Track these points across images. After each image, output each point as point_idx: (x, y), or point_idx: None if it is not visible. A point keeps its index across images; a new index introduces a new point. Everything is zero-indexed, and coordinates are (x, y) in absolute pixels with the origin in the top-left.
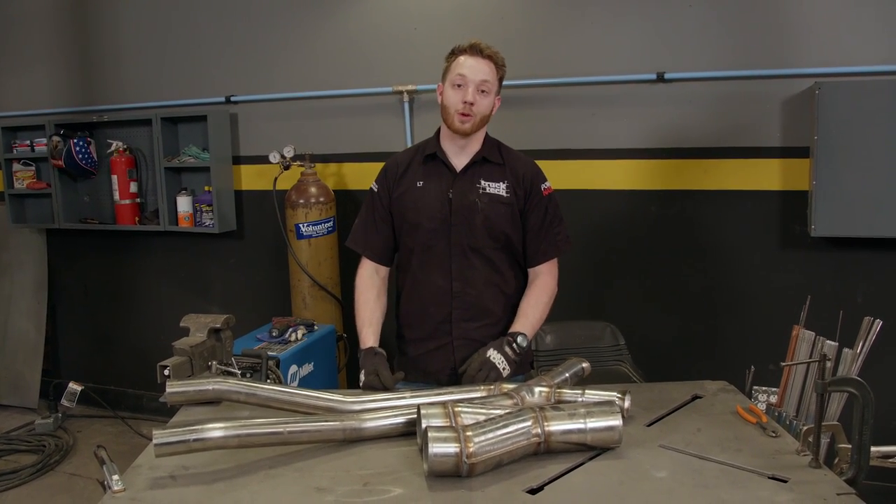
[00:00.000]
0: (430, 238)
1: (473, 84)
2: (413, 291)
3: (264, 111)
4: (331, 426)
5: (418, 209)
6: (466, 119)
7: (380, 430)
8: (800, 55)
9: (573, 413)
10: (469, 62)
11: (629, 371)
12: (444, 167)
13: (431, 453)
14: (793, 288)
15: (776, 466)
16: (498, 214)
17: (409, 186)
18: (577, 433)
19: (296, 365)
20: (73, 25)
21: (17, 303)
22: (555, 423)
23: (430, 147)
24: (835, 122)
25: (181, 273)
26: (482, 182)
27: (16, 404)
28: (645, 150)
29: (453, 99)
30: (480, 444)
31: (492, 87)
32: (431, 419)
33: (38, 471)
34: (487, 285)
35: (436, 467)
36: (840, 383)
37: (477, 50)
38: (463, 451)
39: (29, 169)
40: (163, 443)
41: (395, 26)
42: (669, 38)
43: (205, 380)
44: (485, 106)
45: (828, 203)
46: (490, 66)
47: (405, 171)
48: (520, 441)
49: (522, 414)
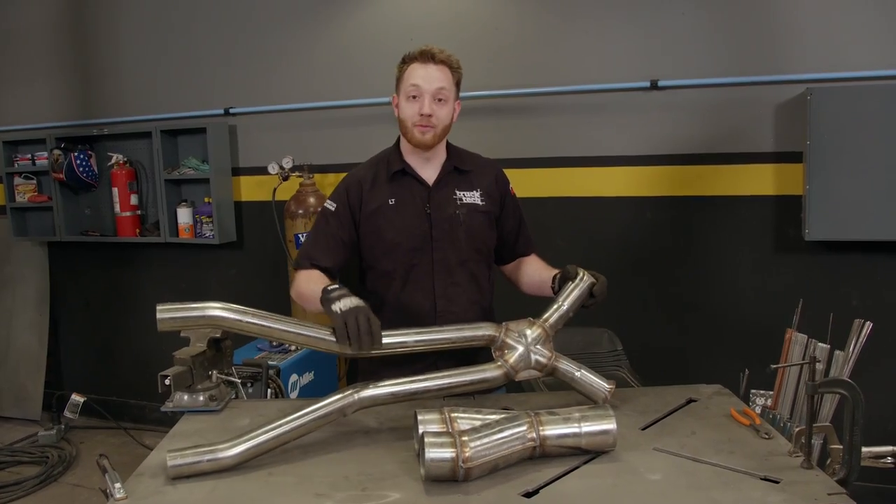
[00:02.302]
0: (410, 257)
1: (429, 94)
2: (393, 315)
3: (263, 122)
4: (328, 409)
5: (396, 228)
6: (427, 129)
7: (375, 399)
8: (792, 61)
9: (568, 418)
10: (421, 71)
11: (627, 376)
12: (414, 182)
13: (428, 458)
14: (787, 291)
15: (769, 468)
16: (478, 224)
17: (379, 205)
18: (572, 437)
19: (296, 374)
20: (74, 40)
21: (19, 315)
22: (550, 428)
23: (394, 162)
24: (827, 127)
25: (182, 284)
26: (458, 192)
27: (19, 416)
28: (639, 157)
29: (409, 111)
30: (476, 449)
31: (449, 94)
32: (428, 425)
33: (42, 482)
34: (471, 303)
35: (432, 472)
36: (830, 385)
37: (429, 56)
38: (459, 456)
39: (30, 182)
40: (177, 465)
41: (391, 37)
42: (662, 46)
43: (197, 304)
44: (444, 115)
45: (821, 207)
46: (445, 72)
47: (371, 188)
48: (515, 445)
49: (518, 419)
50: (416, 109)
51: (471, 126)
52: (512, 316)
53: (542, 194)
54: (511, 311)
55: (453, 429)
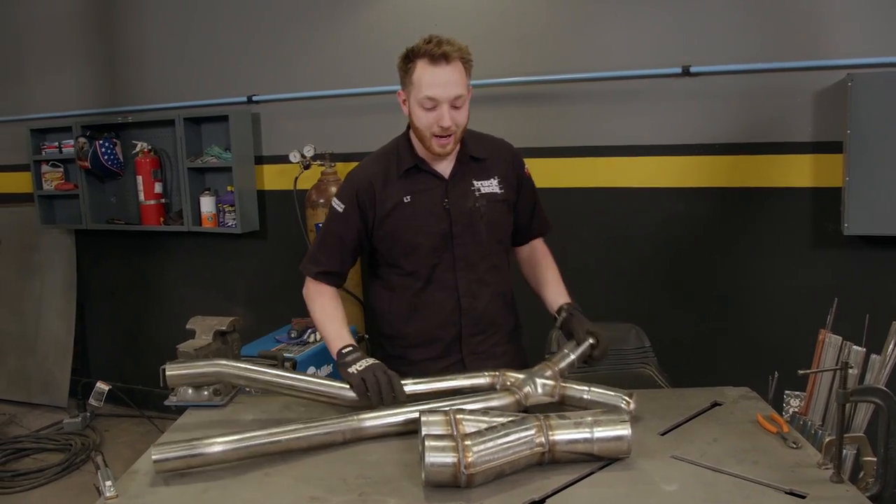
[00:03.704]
0: (431, 257)
1: (447, 103)
2: (416, 313)
3: (286, 110)
4: (330, 430)
5: (414, 228)
6: (447, 141)
7: (381, 429)
8: (831, 46)
9: (579, 422)
10: (435, 77)
11: (654, 374)
12: (429, 175)
13: (428, 463)
14: (824, 289)
15: (795, 480)
16: (499, 214)
17: (395, 204)
18: (584, 443)
19: (314, 367)
20: (99, 28)
21: (47, 303)
22: (560, 433)
23: (405, 159)
24: (869, 116)
25: (205, 273)
26: (475, 183)
27: (46, 403)
28: (670, 146)
29: (425, 121)
30: (480, 454)
31: (466, 94)
32: (432, 427)
33: (64, 470)
34: (494, 296)
35: (432, 477)
36: (863, 393)
37: (442, 58)
38: (461, 461)
39: (57, 170)
40: (163, 458)
41: (416, 22)
42: (695, 31)
43: (206, 362)
44: (463, 118)
45: (862, 200)
46: (459, 71)
47: (383, 186)
48: (522, 451)
49: (526, 422)
50: (433, 119)
51: (494, 114)
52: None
53: (568, 185)
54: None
55: (458, 431)
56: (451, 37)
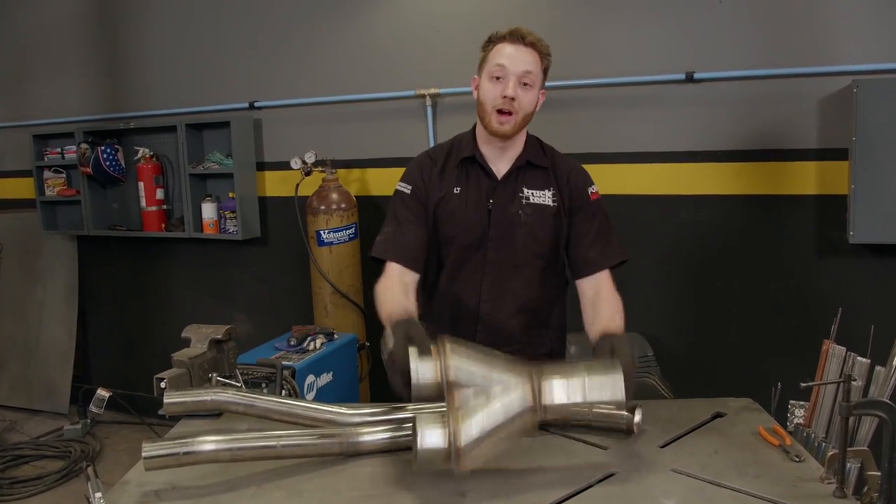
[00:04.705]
0: (463, 254)
1: (515, 76)
2: (436, 306)
3: (288, 116)
4: (327, 441)
5: (455, 221)
6: (507, 119)
7: (378, 445)
8: (836, 52)
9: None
10: (509, 50)
11: (657, 384)
12: (482, 172)
13: (420, 447)
14: (829, 298)
15: (797, 495)
16: (544, 227)
17: (446, 192)
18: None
19: (313, 375)
20: (101, 34)
21: (49, 309)
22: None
23: (465, 149)
24: (875, 123)
25: (206, 280)
26: (525, 190)
27: (47, 409)
28: (673, 153)
29: (491, 93)
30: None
31: (535, 80)
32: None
33: (63, 477)
34: (519, 311)
35: (424, 462)
36: (867, 406)
37: (518, 37)
38: (452, 435)
39: (60, 176)
40: (152, 455)
41: (417, 28)
42: (698, 37)
43: (203, 390)
44: (528, 101)
45: (868, 208)
46: (534, 56)
47: (441, 172)
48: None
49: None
50: (499, 91)
51: None
52: None
53: None
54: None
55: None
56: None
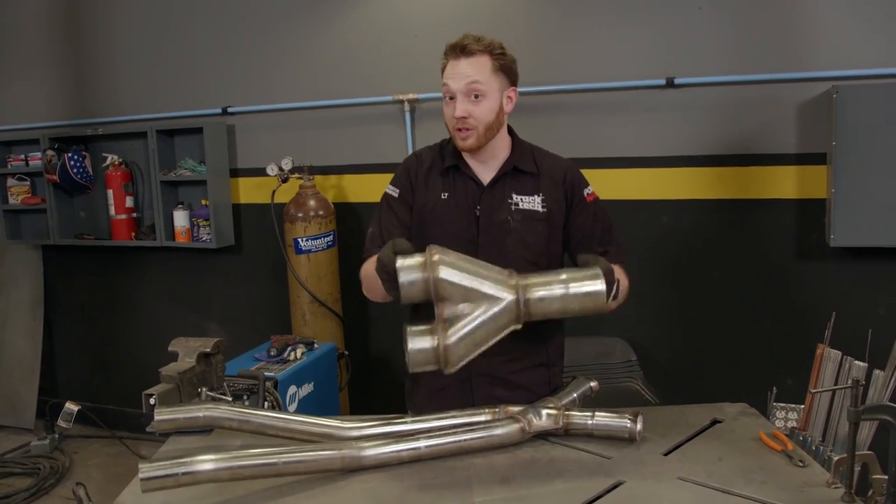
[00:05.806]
0: None
1: (461, 93)
2: (421, 313)
3: (262, 122)
4: (328, 455)
5: (442, 225)
6: (468, 135)
7: (380, 459)
8: (815, 58)
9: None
10: (450, 67)
11: (641, 388)
12: (468, 179)
13: (409, 348)
14: (810, 300)
15: (806, 501)
16: (535, 234)
17: (432, 196)
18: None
19: (295, 385)
20: (68, 37)
21: (12, 320)
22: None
23: (449, 156)
24: (853, 127)
25: (179, 289)
26: (514, 196)
27: (12, 424)
28: (654, 158)
29: (448, 114)
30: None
31: (487, 87)
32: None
33: (32, 495)
34: None
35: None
36: (874, 411)
37: (458, 50)
38: (441, 344)
39: (24, 184)
40: (150, 477)
41: (394, 34)
42: (679, 43)
43: (195, 406)
44: (484, 112)
45: (847, 211)
46: (479, 63)
47: (427, 174)
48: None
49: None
50: (450, 112)
51: None
52: None
53: None
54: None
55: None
56: (485, 35)
